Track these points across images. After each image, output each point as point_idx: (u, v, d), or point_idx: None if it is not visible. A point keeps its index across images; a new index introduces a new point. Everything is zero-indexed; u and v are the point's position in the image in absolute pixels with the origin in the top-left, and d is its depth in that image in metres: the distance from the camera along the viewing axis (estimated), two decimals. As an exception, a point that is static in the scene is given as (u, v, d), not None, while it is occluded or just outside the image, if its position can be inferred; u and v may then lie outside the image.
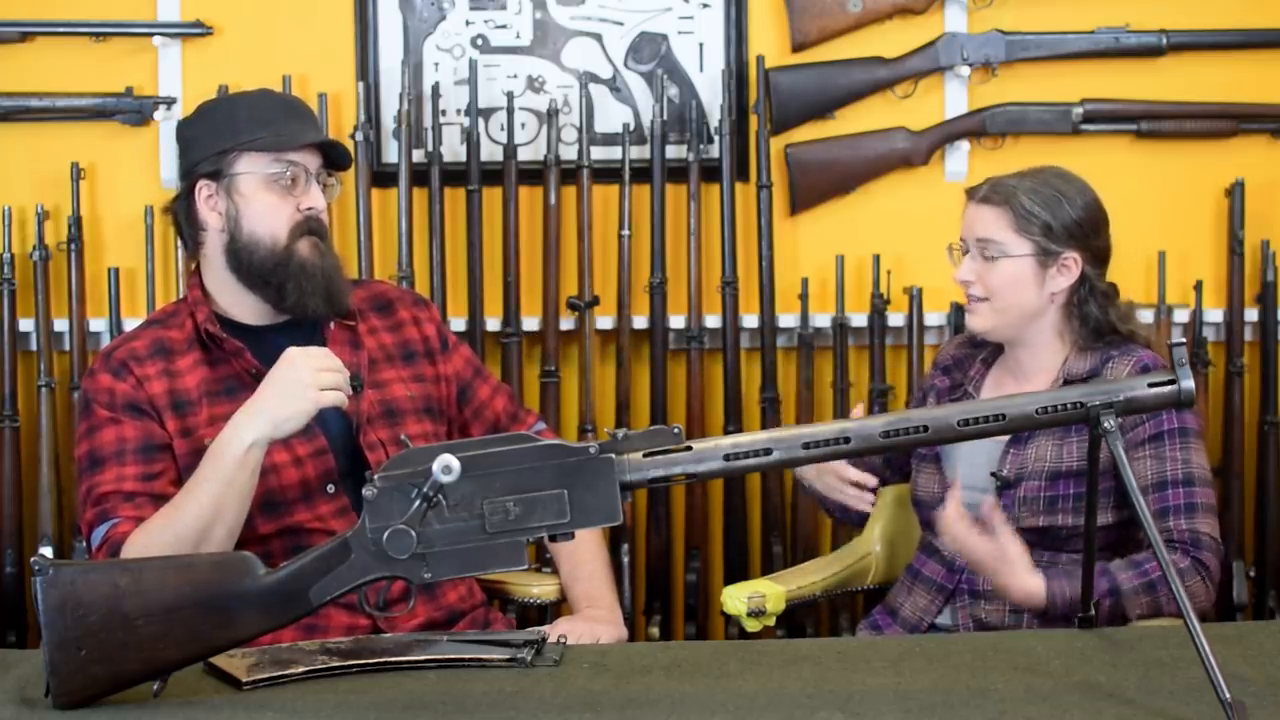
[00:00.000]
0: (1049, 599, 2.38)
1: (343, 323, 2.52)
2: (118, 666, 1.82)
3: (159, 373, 2.41)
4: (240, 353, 2.43)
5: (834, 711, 1.80)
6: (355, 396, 2.36)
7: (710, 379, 3.54)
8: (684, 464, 1.88)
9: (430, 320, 2.62)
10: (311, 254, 2.44)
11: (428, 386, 2.56)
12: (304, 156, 2.46)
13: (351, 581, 1.87)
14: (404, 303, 2.63)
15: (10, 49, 3.46)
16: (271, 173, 2.43)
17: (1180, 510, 2.44)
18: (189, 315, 2.48)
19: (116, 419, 2.37)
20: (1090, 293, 2.55)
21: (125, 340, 2.47)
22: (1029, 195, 2.53)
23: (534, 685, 1.92)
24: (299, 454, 2.40)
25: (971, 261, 2.58)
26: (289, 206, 2.44)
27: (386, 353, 2.55)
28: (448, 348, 2.62)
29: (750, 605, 2.59)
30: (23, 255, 3.45)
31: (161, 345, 2.44)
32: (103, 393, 2.39)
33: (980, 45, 3.48)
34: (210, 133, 2.46)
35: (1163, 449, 2.47)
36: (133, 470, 2.34)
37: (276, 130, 2.44)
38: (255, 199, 2.44)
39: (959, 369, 2.72)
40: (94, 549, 2.32)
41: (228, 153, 2.44)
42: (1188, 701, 1.82)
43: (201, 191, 2.46)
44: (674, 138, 3.51)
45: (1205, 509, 2.45)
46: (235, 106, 2.50)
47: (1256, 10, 3.51)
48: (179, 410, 2.39)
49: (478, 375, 2.65)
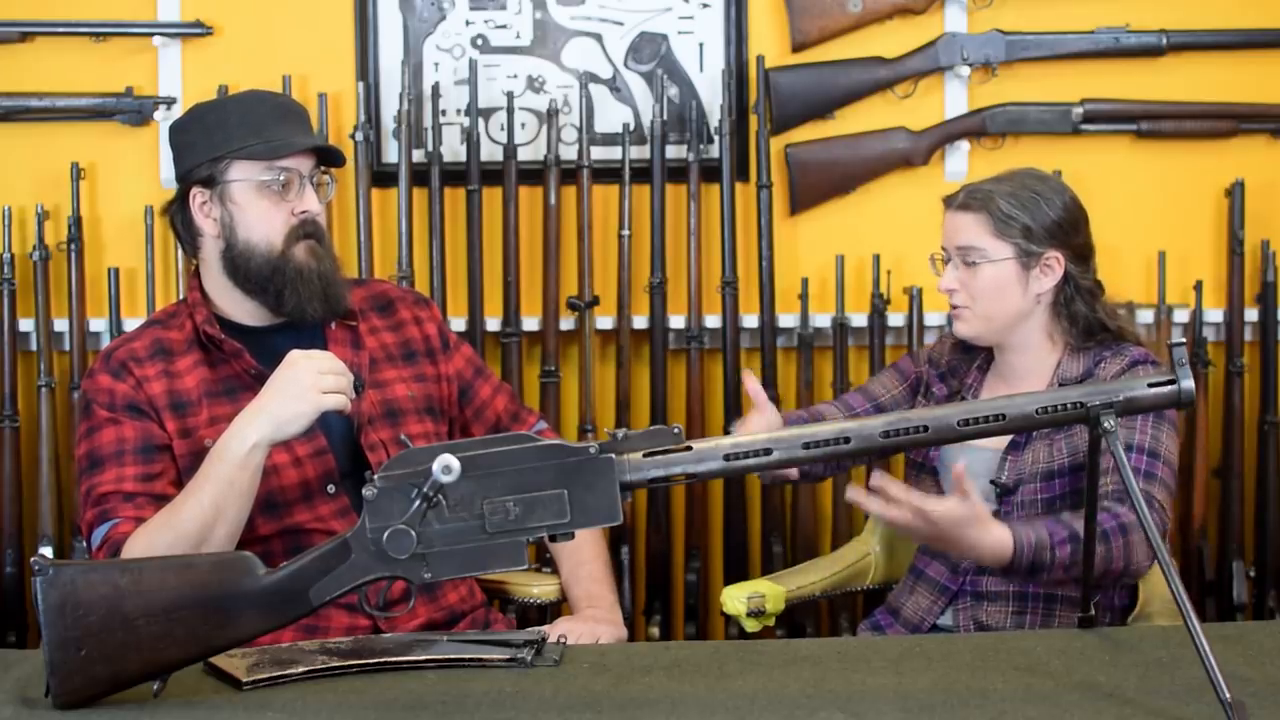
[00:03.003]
0: (1015, 544, 2.32)
1: (344, 323, 2.52)
2: (118, 666, 1.82)
3: (159, 373, 2.41)
4: (240, 354, 2.43)
5: (834, 711, 1.80)
6: (357, 397, 2.37)
7: (710, 379, 3.54)
8: (684, 464, 1.88)
9: (431, 319, 2.62)
10: (308, 258, 2.44)
11: (429, 386, 2.56)
12: (297, 161, 2.45)
13: (351, 581, 1.87)
14: (405, 302, 2.63)
15: (10, 49, 3.46)
16: (264, 180, 2.43)
17: (1140, 474, 2.41)
18: (189, 316, 2.48)
19: (116, 419, 2.37)
20: (1076, 291, 2.55)
21: (125, 341, 2.47)
22: (1006, 199, 2.53)
23: (534, 685, 1.92)
24: (299, 454, 2.40)
25: (954, 270, 2.58)
26: (283, 212, 2.44)
27: (388, 352, 2.55)
28: (449, 347, 2.62)
29: (750, 605, 2.59)
30: (23, 255, 3.45)
31: (161, 346, 2.45)
32: (102, 393, 2.39)
33: (980, 45, 3.49)
34: (203, 139, 2.46)
35: (1134, 422, 2.44)
36: (132, 471, 2.34)
37: (268, 136, 2.43)
38: (249, 206, 2.43)
39: (955, 376, 2.72)
40: (94, 549, 2.32)
41: (220, 160, 2.43)
42: (1188, 701, 1.82)
43: (196, 198, 2.46)
44: (674, 138, 3.51)
45: (1163, 484, 2.42)
46: (226, 112, 2.49)
47: (1256, 10, 3.51)
48: (178, 411, 2.39)
49: (479, 374, 2.65)
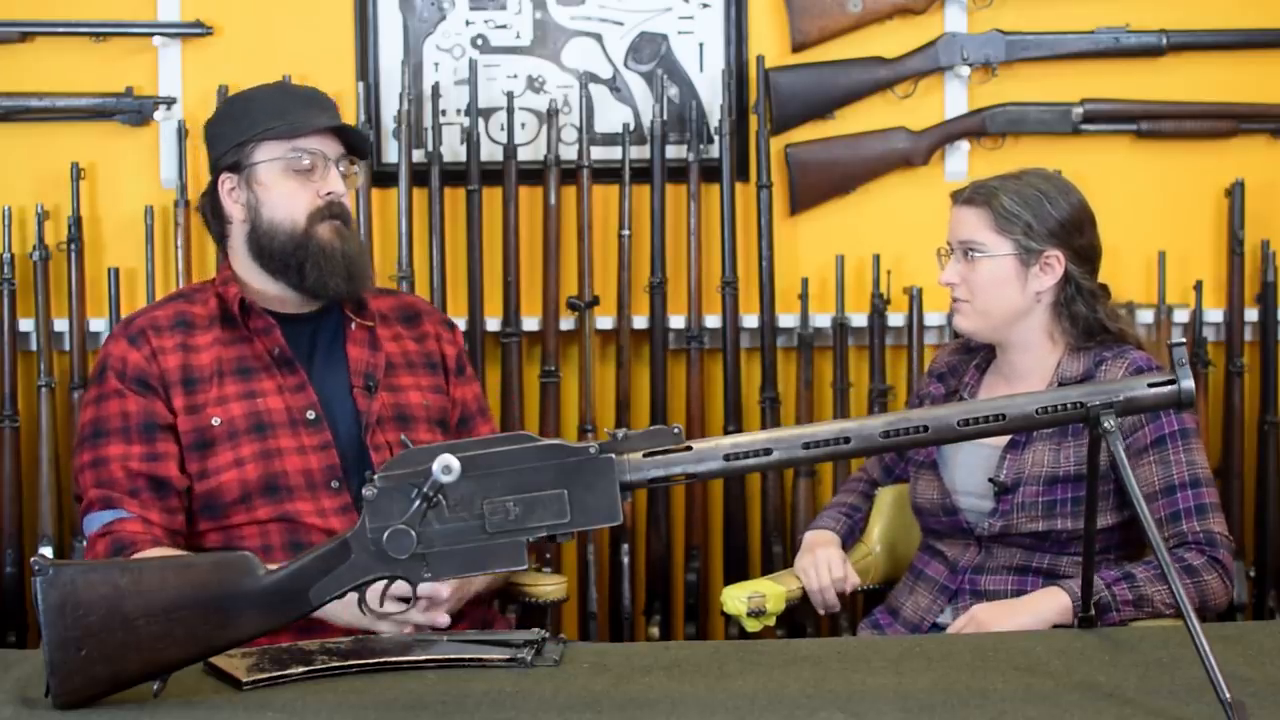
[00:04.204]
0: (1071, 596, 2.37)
1: (363, 323, 2.54)
2: (118, 666, 1.82)
3: (176, 346, 2.45)
4: (270, 330, 2.46)
5: (834, 711, 1.80)
6: (369, 396, 2.38)
7: (710, 379, 3.55)
8: (684, 464, 1.87)
9: (453, 343, 2.65)
10: (331, 237, 2.47)
11: (443, 400, 2.59)
12: (322, 143, 2.48)
13: (351, 581, 1.87)
14: (432, 319, 2.66)
15: (10, 49, 3.46)
16: (288, 159, 2.46)
17: (1192, 513, 2.44)
18: (215, 294, 2.51)
19: (122, 392, 2.41)
20: (1078, 291, 2.55)
21: (148, 310, 2.52)
22: (1010, 196, 2.54)
23: (534, 685, 1.92)
24: (304, 443, 2.43)
25: (956, 264, 2.58)
26: (308, 192, 2.47)
27: (408, 359, 2.57)
28: (464, 375, 2.65)
29: (750, 605, 2.59)
30: (23, 255, 3.45)
31: (183, 318, 2.48)
32: (116, 360, 2.44)
33: (980, 45, 3.49)
34: (230, 127, 2.50)
35: (1167, 453, 2.47)
36: (138, 449, 2.38)
37: (291, 119, 2.47)
38: (274, 186, 2.47)
39: (953, 375, 2.72)
40: (92, 533, 2.34)
41: (245, 144, 2.47)
42: (1188, 701, 1.82)
43: (224, 184, 2.50)
44: (674, 138, 3.51)
45: (1214, 508, 2.46)
46: (252, 100, 2.54)
47: (1256, 10, 3.51)
48: (189, 386, 2.43)
49: (481, 414, 2.67)
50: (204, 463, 2.41)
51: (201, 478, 2.41)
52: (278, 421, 2.43)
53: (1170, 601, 2.34)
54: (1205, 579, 2.39)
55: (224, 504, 2.41)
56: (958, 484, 2.60)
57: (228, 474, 2.40)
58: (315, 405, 2.46)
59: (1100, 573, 2.36)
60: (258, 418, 2.43)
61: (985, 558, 2.57)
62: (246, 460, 2.41)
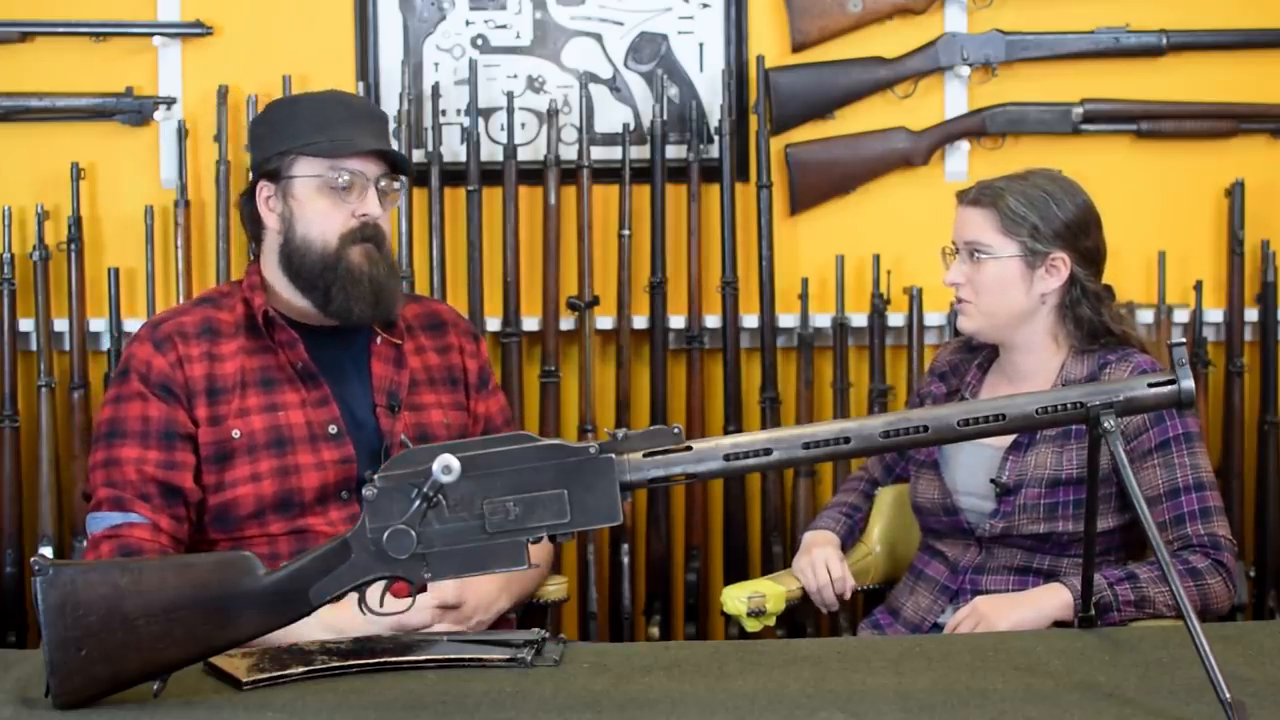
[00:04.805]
0: (1073, 592, 2.37)
1: (389, 339, 2.52)
2: (118, 666, 1.82)
3: (202, 354, 2.42)
4: (294, 343, 2.44)
5: (834, 711, 1.80)
6: (392, 416, 2.38)
7: (710, 379, 3.54)
8: (684, 464, 1.87)
9: (475, 356, 2.62)
10: (361, 261, 2.43)
11: (463, 416, 2.57)
12: (362, 163, 2.44)
13: (351, 581, 1.87)
14: (457, 329, 2.63)
15: (10, 49, 3.46)
16: (326, 177, 2.43)
17: (1196, 516, 2.44)
18: (242, 300, 2.49)
19: (145, 396, 2.39)
20: (1082, 294, 2.55)
21: (175, 314, 2.49)
22: (1016, 197, 2.53)
23: (534, 685, 1.92)
24: (324, 459, 2.42)
25: (960, 264, 2.58)
26: (343, 213, 2.44)
27: (430, 375, 2.56)
28: (487, 387, 2.63)
29: (750, 605, 2.59)
30: (23, 255, 3.45)
31: (210, 325, 2.46)
32: (140, 362, 2.41)
33: (980, 45, 3.48)
34: (271, 133, 2.47)
35: (1170, 456, 2.47)
36: (155, 455, 2.36)
37: (333, 135, 2.43)
38: (309, 203, 2.44)
39: (955, 374, 2.72)
40: (96, 534, 2.34)
41: (285, 155, 2.44)
42: (1188, 701, 1.82)
43: (261, 191, 2.48)
44: (674, 138, 3.51)
45: (1218, 511, 2.46)
46: (298, 107, 2.50)
47: (1256, 10, 3.51)
48: (212, 396, 2.41)
49: (507, 426, 2.64)
50: (221, 475, 2.39)
51: (217, 490, 2.39)
52: (298, 437, 2.41)
53: (1172, 603, 2.34)
54: (1209, 582, 2.39)
55: (238, 517, 2.39)
56: (959, 484, 2.60)
57: (244, 488, 2.39)
58: (338, 420, 2.44)
59: (1103, 572, 2.36)
60: (278, 432, 2.41)
61: (986, 558, 2.57)
62: (264, 476, 2.39)
